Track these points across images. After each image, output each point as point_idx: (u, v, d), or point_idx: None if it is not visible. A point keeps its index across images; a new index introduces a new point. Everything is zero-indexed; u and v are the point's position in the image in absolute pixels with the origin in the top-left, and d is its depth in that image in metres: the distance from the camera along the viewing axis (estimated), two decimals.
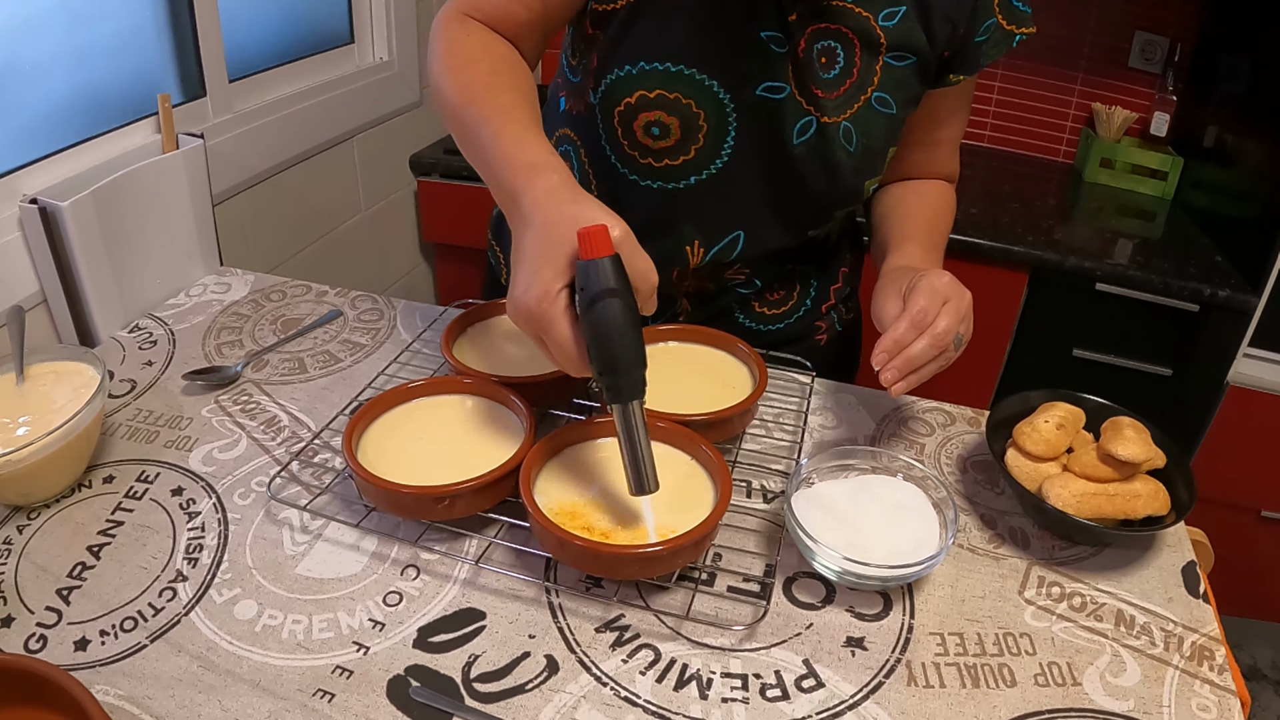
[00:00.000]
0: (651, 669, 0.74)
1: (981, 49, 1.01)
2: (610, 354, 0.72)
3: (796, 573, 0.84)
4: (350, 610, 0.78)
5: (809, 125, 1.00)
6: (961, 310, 0.89)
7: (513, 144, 0.81)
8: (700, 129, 0.99)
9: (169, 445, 0.97)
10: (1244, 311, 1.93)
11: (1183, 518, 0.87)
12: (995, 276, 2.04)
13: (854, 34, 0.97)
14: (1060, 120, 2.56)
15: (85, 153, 1.33)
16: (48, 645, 0.73)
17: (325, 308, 1.24)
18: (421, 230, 2.38)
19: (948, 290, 0.89)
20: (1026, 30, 1.01)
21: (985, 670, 0.76)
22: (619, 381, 0.73)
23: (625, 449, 0.76)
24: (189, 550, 0.83)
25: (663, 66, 0.96)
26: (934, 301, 0.87)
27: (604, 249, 0.71)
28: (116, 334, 1.17)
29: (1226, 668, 0.77)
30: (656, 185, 1.04)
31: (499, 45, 0.94)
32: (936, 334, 0.86)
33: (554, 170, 0.78)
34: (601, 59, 0.99)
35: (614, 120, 1.01)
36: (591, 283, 0.71)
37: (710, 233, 1.07)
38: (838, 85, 0.99)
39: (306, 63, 1.89)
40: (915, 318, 0.87)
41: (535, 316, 0.74)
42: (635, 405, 0.75)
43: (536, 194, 0.76)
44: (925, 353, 0.86)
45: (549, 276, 0.73)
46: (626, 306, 0.72)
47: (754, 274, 1.13)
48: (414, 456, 0.87)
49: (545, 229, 0.74)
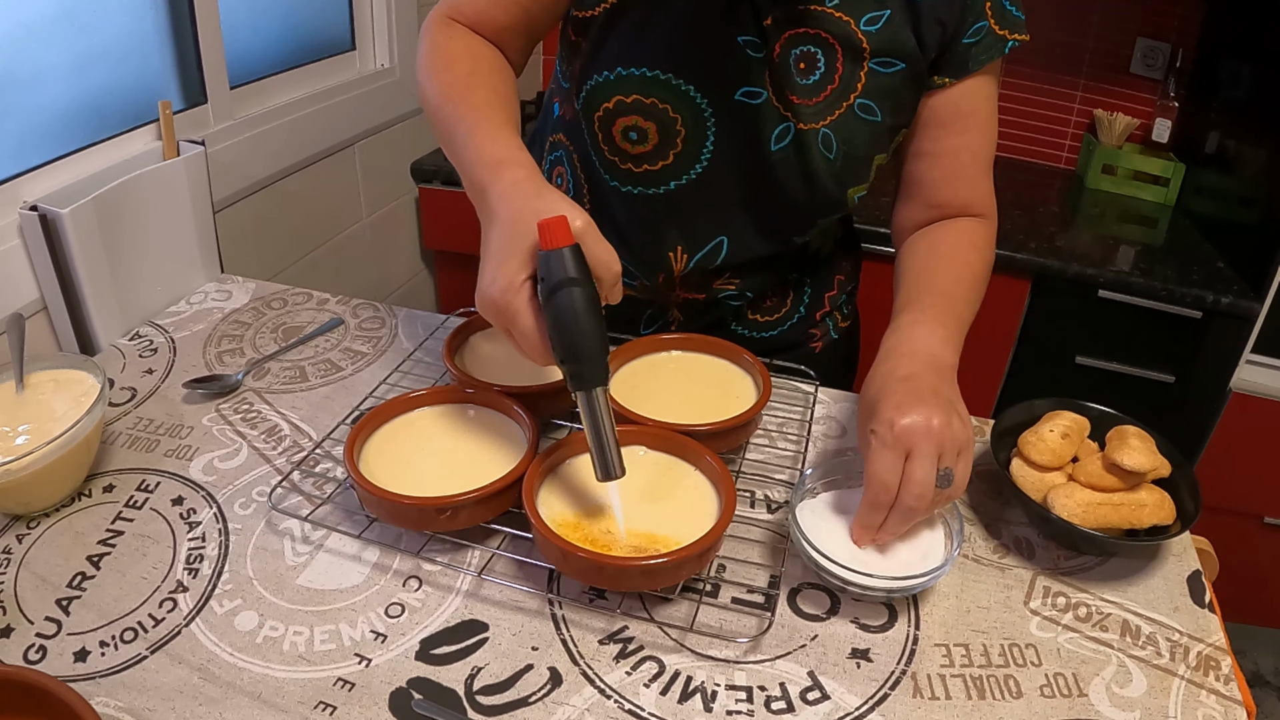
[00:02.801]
0: (655, 681, 0.74)
1: (970, 51, 0.97)
2: (571, 342, 0.73)
3: (801, 584, 0.84)
4: (352, 622, 0.77)
5: (786, 131, 0.99)
6: (931, 450, 0.76)
7: (484, 141, 0.83)
8: (678, 134, 0.99)
9: (169, 454, 0.96)
10: (1246, 318, 1.92)
11: (1188, 527, 0.87)
12: (997, 284, 2.00)
13: (834, 39, 0.95)
14: (1062, 126, 2.56)
15: (86, 159, 1.33)
16: (47, 656, 0.73)
17: (326, 315, 1.24)
18: (423, 237, 2.38)
19: (908, 438, 0.76)
20: (1019, 36, 0.98)
21: (991, 681, 0.75)
22: (581, 369, 0.75)
23: (590, 436, 0.77)
24: (189, 560, 0.83)
25: (639, 72, 0.96)
26: (889, 467, 0.76)
27: (564, 239, 0.73)
28: (117, 341, 1.17)
29: (1232, 678, 0.77)
30: (638, 191, 1.04)
31: (481, 47, 0.97)
32: (906, 508, 0.76)
33: (520, 165, 0.80)
34: (583, 65, 1.00)
35: (595, 125, 1.01)
36: (552, 272, 0.73)
37: (693, 238, 1.06)
38: (818, 91, 0.97)
39: (308, 69, 1.89)
40: (872, 499, 0.77)
41: (500, 307, 0.75)
42: (599, 392, 0.76)
43: (502, 188, 0.78)
44: (901, 524, 0.78)
45: (513, 268, 0.75)
46: (586, 295, 0.73)
47: (744, 285, 1.12)
48: (416, 467, 0.86)
49: (509, 222, 0.76)
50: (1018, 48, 0.98)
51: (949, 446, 0.77)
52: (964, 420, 0.79)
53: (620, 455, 0.77)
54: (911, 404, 0.77)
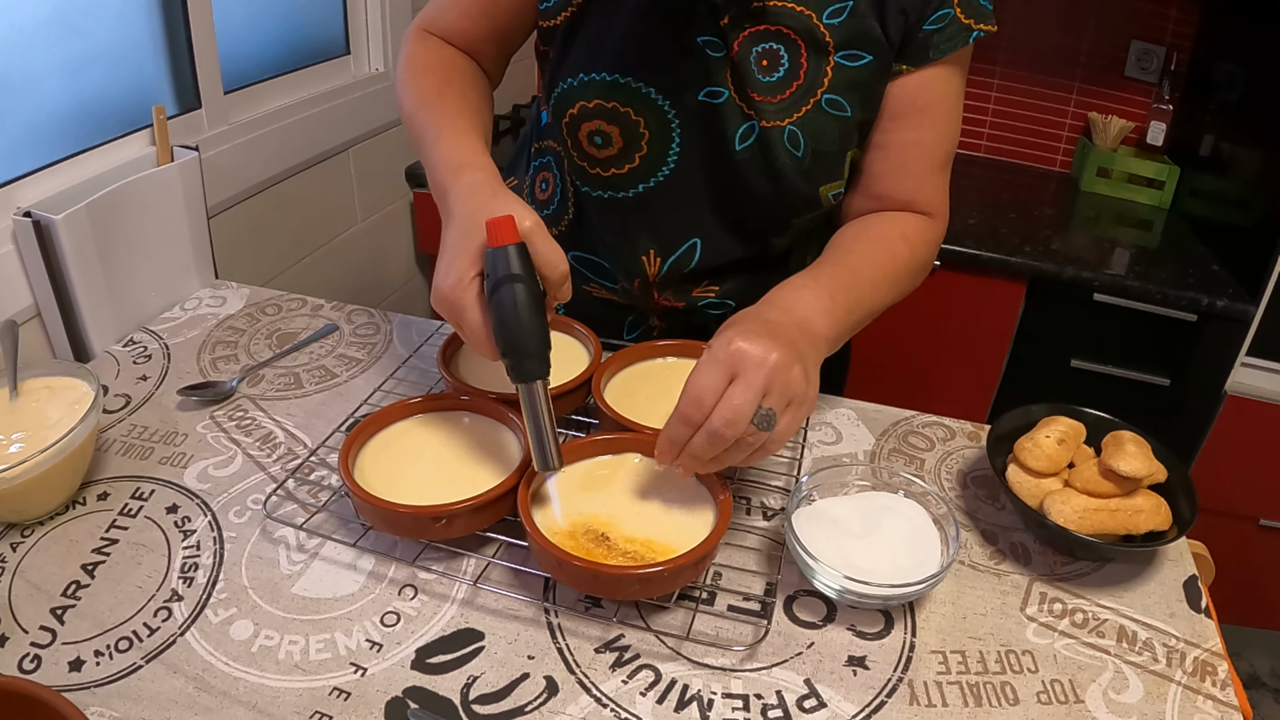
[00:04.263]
0: (652, 690, 0.74)
1: (932, 39, 0.94)
2: (511, 335, 0.76)
3: (797, 591, 0.84)
4: (347, 631, 0.77)
5: (750, 130, 0.98)
6: (758, 383, 0.72)
7: (447, 146, 0.87)
8: (642, 136, 0.99)
9: (164, 462, 0.96)
10: (1242, 321, 1.93)
11: (1185, 532, 0.87)
12: (993, 287, 2.03)
13: (796, 34, 0.94)
14: (1057, 130, 2.56)
15: (79, 165, 1.33)
16: (42, 665, 0.73)
17: (321, 321, 1.23)
18: (418, 241, 2.38)
19: (733, 361, 0.73)
20: (985, 27, 0.94)
21: (988, 688, 0.75)
22: (520, 363, 0.77)
23: (530, 427, 0.79)
24: (184, 569, 0.83)
25: (599, 76, 0.97)
26: (711, 383, 0.73)
27: (509, 237, 0.76)
28: (111, 348, 1.16)
29: (1229, 683, 0.77)
30: (608, 195, 1.05)
31: (454, 57, 1.02)
32: (713, 430, 0.72)
33: (479, 169, 0.84)
34: (551, 73, 1.02)
35: (564, 131, 1.02)
36: (496, 269, 0.76)
37: (665, 242, 1.06)
38: (782, 89, 0.96)
39: (302, 74, 1.88)
40: (683, 409, 0.74)
41: (450, 302, 0.78)
42: (539, 385, 0.78)
43: (460, 189, 0.82)
44: (708, 449, 0.74)
45: (463, 265, 0.78)
46: (528, 291, 0.76)
47: (724, 291, 1.10)
48: (411, 475, 0.86)
49: (463, 221, 0.80)
50: (983, 38, 0.94)
51: (779, 389, 0.73)
52: (808, 378, 0.77)
53: (558, 447, 0.79)
54: (759, 335, 0.74)
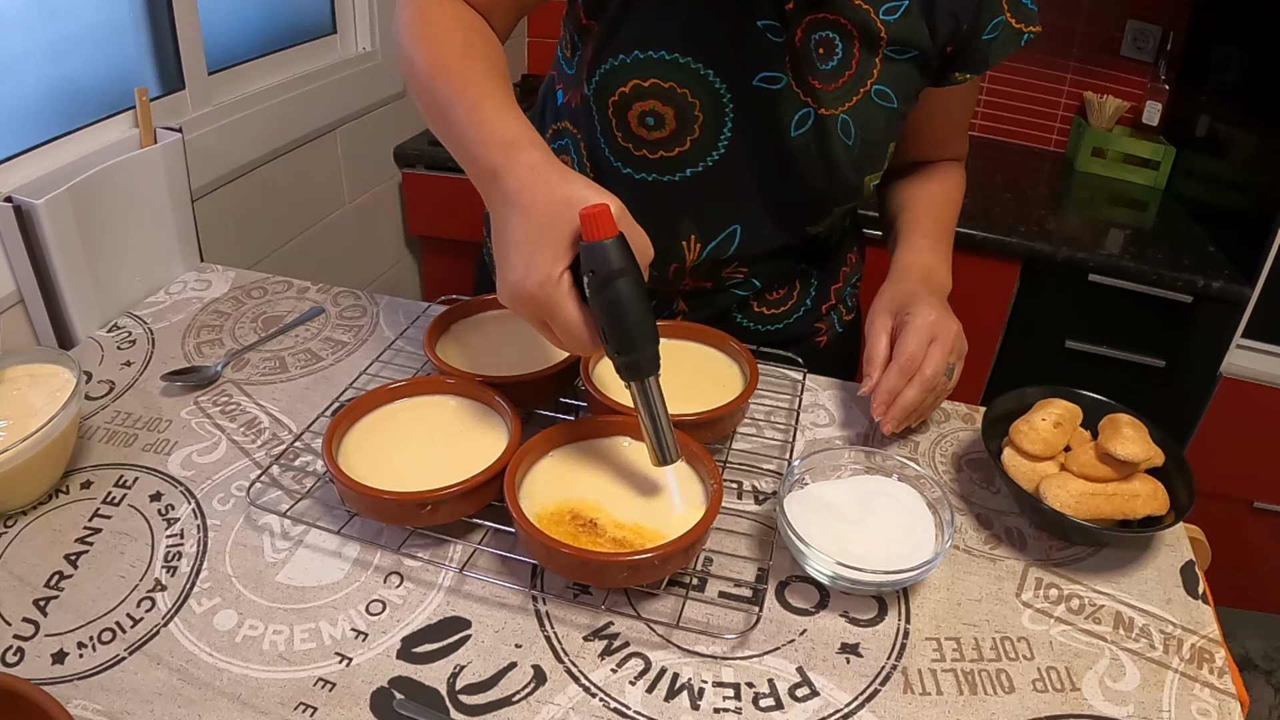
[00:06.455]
0: (641, 679, 0.72)
1: (989, 47, 0.99)
2: (626, 333, 0.72)
3: (789, 577, 0.82)
4: (332, 620, 0.76)
5: (807, 117, 0.98)
6: (949, 344, 0.94)
7: (491, 117, 0.77)
8: (696, 119, 0.97)
9: (148, 448, 0.94)
10: (1237, 302, 1.92)
11: (1182, 518, 0.86)
12: (987, 268, 2.03)
13: (853, 26, 0.95)
14: (1052, 109, 2.55)
15: (61, 148, 1.30)
16: (25, 659, 0.71)
17: (306, 304, 1.22)
18: (406, 223, 2.36)
19: (934, 328, 0.93)
20: (1033, 29, 1.00)
21: (983, 676, 0.74)
22: (637, 359, 0.74)
23: (647, 423, 0.77)
24: (168, 558, 0.81)
25: (657, 55, 0.94)
26: (921, 344, 0.92)
27: (609, 230, 0.70)
28: (95, 334, 1.14)
29: (1226, 670, 0.76)
30: (651, 178, 1.02)
31: (471, 16, 0.90)
32: (926, 378, 0.92)
33: (535, 147, 0.75)
34: (596, 49, 0.97)
35: (608, 111, 0.98)
36: (601, 265, 0.70)
37: (707, 228, 1.04)
38: (836, 77, 0.97)
39: (288, 54, 1.86)
40: (904, 365, 0.92)
41: (539, 301, 0.72)
42: (652, 380, 0.75)
43: (520, 172, 0.73)
44: (918, 398, 0.92)
45: (548, 260, 0.71)
46: (637, 284, 0.71)
47: (752, 273, 1.10)
48: (396, 460, 0.85)
49: (537, 210, 0.72)
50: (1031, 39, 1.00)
51: (958, 347, 0.96)
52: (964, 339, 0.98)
53: (675, 440, 0.78)
54: (942, 309, 0.97)
